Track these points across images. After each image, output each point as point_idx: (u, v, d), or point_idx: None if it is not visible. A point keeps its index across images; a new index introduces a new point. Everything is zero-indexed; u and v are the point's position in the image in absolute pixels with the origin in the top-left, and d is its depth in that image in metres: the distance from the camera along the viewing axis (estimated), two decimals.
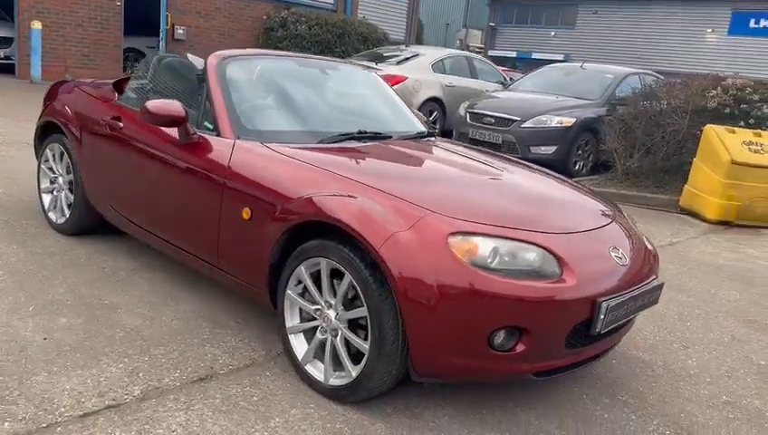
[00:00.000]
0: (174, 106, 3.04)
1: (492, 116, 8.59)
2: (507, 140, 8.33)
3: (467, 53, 11.63)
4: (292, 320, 2.72)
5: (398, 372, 2.43)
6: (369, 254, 2.34)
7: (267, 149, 2.92)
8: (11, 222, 4.22)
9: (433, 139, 3.71)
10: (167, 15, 12.94)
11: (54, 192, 4.14)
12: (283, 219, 2.62)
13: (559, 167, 7.13)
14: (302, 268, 2.61)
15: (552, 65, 10.74)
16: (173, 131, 3.15)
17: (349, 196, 2.50)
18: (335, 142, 3.15)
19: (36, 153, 4.37)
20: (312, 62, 3.89)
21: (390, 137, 3.45)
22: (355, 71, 3.97)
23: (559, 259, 2.40)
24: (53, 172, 4.14)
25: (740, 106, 7.78)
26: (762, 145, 7.19)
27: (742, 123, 7.70)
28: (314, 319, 2.63)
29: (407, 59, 10.18)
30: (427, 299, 2.24)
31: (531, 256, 2.38)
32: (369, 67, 9.52)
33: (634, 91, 8.70)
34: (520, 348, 2.33)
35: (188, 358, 2.77)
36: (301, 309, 2.70)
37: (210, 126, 3.13)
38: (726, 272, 5.04)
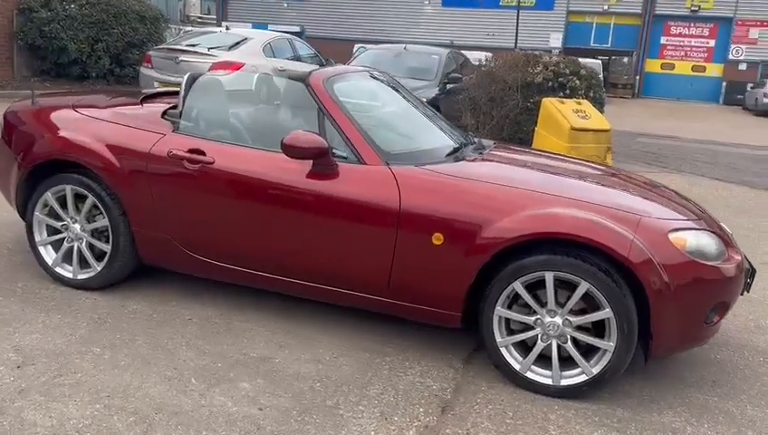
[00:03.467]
0: (315, 137, 2.90)
1: None
2: None
3: (288, 36, 11.51)
4: (501, 335, 2.85)
5: None
6: (617, 262, 2.62)
7: (434, 172, 2.95)
8: (6, 287, 3.42)
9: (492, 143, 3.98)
10: None
11: (65, 243, 3.44)
12: (496, 240, 2.73)
13: None
14: (518, 284, 2.76)
15: (376, 47, 11.22)
16: (299, 164, 2.96)
17: (566, 210, 2.73)
18: (466, 158, 3.27)
19: (17, 203, 3.54)
20: (375, 73, 3.82)
21: (473, 144, 3.64)
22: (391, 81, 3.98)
23: (723, 240, 2.94)
24: (59, 220, 3.43)
25: (558, 80, 9.18)
26: (585, 112, 8.64)
27: (561, 94, 9.12)
28: (530, 329, 2.82)
29: (236, 44, 9.77)
30: (669, 290, 2.62)
31: (712, 242, 2.87)
32: (207, 54, 8.99)
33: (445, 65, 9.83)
34: (716, 319, 2.85)
35: (407, 393, 2.74)
36: (507, 321, 2.85)
37: (343, 153, 3.01)
38: None
